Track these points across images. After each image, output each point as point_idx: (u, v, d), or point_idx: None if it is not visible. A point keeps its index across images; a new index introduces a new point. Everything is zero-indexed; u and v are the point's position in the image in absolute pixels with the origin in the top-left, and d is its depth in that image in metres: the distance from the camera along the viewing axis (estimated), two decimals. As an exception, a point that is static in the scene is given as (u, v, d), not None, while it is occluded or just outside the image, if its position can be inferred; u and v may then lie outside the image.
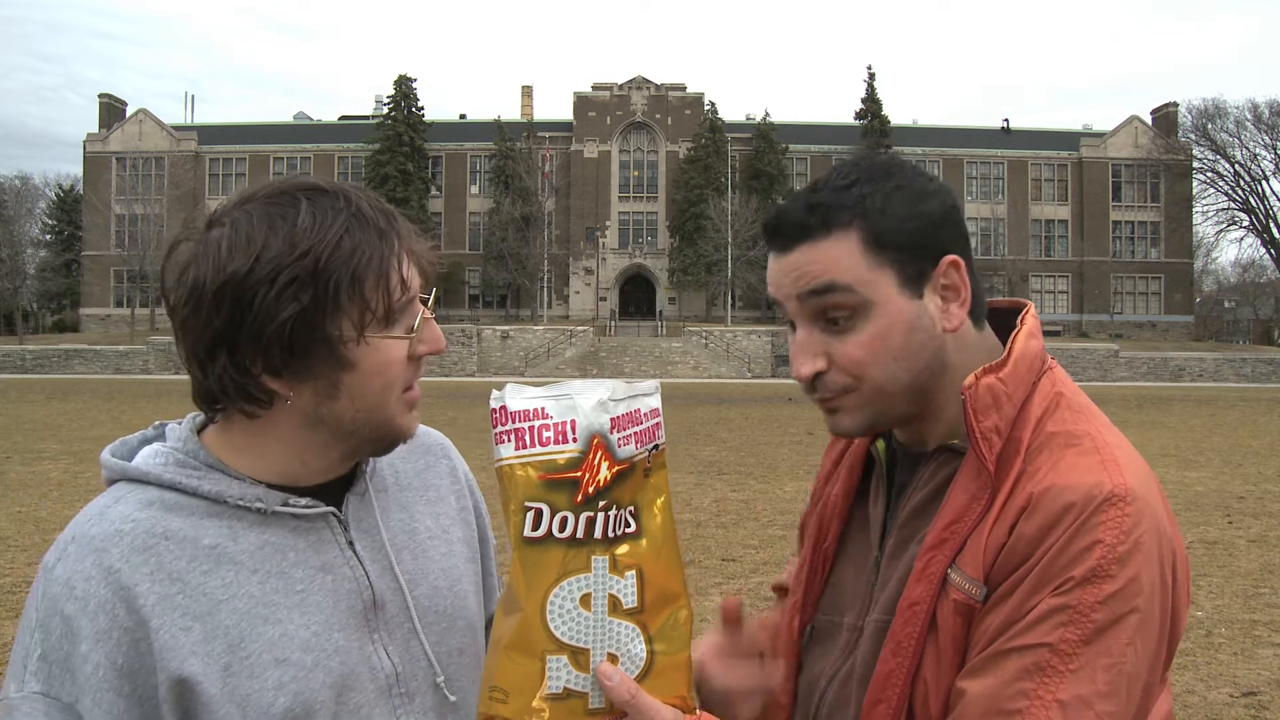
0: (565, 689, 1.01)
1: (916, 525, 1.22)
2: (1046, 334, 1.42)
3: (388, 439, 1.17)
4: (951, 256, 1.17)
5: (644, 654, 1.04)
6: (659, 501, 1.09)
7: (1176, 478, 13.67)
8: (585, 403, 1.02)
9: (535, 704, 1.00)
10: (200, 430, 1.18)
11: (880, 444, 1.32)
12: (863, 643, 1.23)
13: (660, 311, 68.54)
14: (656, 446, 1.09)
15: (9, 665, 1.05)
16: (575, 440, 1.01)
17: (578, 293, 71.35)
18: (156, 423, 1.22)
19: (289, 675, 1.08)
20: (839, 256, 1.15)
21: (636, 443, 1.05)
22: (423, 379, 1.20)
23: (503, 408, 1.02)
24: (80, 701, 1.01)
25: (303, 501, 1.15)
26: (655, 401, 1.09)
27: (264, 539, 1.12)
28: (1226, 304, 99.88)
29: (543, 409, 1.02)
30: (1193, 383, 52.63)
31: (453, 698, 1.21)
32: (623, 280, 71.63)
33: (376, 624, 1.17)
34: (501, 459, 1.02)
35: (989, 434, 1.13)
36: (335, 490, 1.20)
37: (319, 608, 1.13)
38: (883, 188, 1.17)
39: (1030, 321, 1.23)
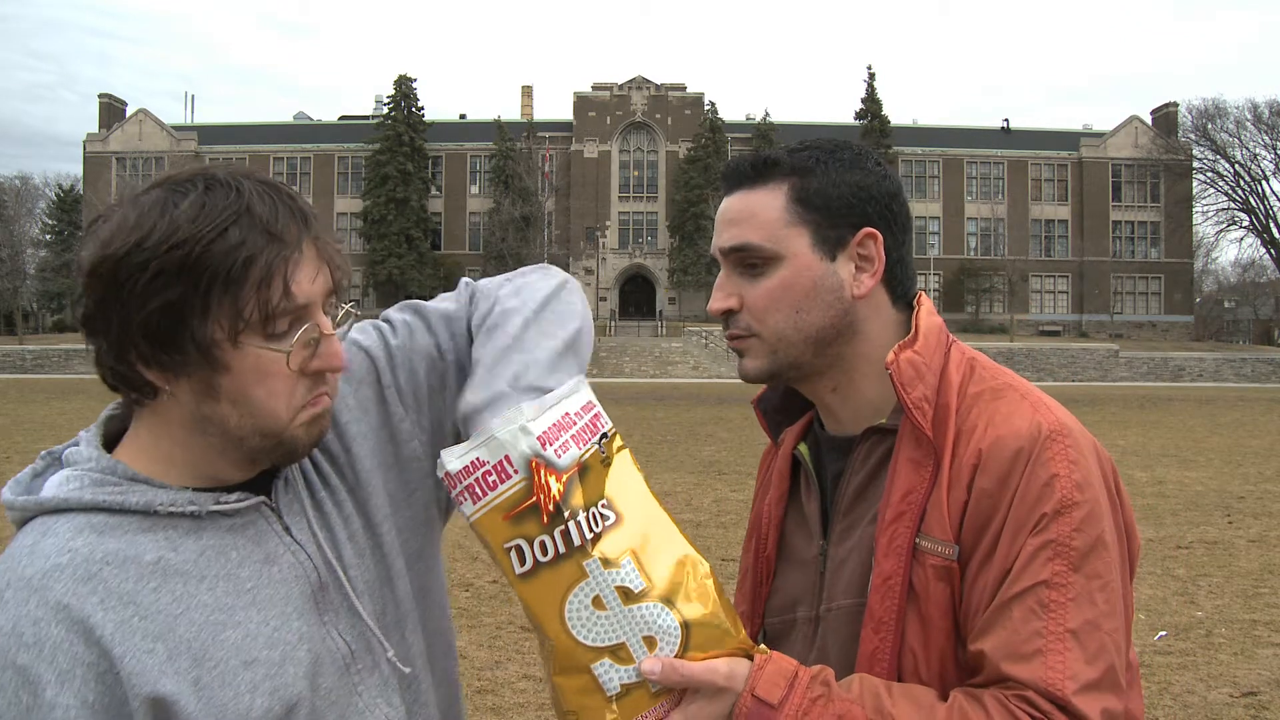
0: (623, 686, 1.05)
1: (862, 508, 1.26)
2: (1046, 334, 1.47)
3: (287, 450, 1.10)
4: (870, 229, 1.27)
5: (677, 624, 1.06)
6: (630, 481, 1.11)
7: (1176, 478, 13.65)
8: (507, 435, 1.06)
9: (605, 713, 1.05)
10: (112, 448, 1.13)
11: (803, 446, 1.39)
12: (824, 631, 1.27)
13: (660, 311, 68.57)
14: (604, 435, 1.12)
15: None
16: (517, 472, 1.06)
17: (578, 293, 71.32)
18: (43, 452, 1.14)
19: (260, 674, 1.06)
20: (764, 206, 1.27)
21: (578, 443, 1.09)
22: None
23: (446, 474, 1.08)
24: None
25: (233, 497, 1.10)
26: (584, 396, 1.13)
27: (203, 544, 1.08)
28: (1226, 304, 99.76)
29: (477, 459, 1.07)
30: (1193, 383, 52.60)
31: (406, 669, 1.19)
32: (623, 280, 71.67)
33: (325, 605, 1.15)
34: (469, 517, 1.08)
35: (920, 403, 1.21)
36: (264, 480, 1.15)
37: (272, 600, 1.10)
38: (824, 155, 1.29)
39: (926, 301, 1.33)
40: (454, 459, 1.08)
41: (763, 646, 1.13)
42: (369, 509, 1.22)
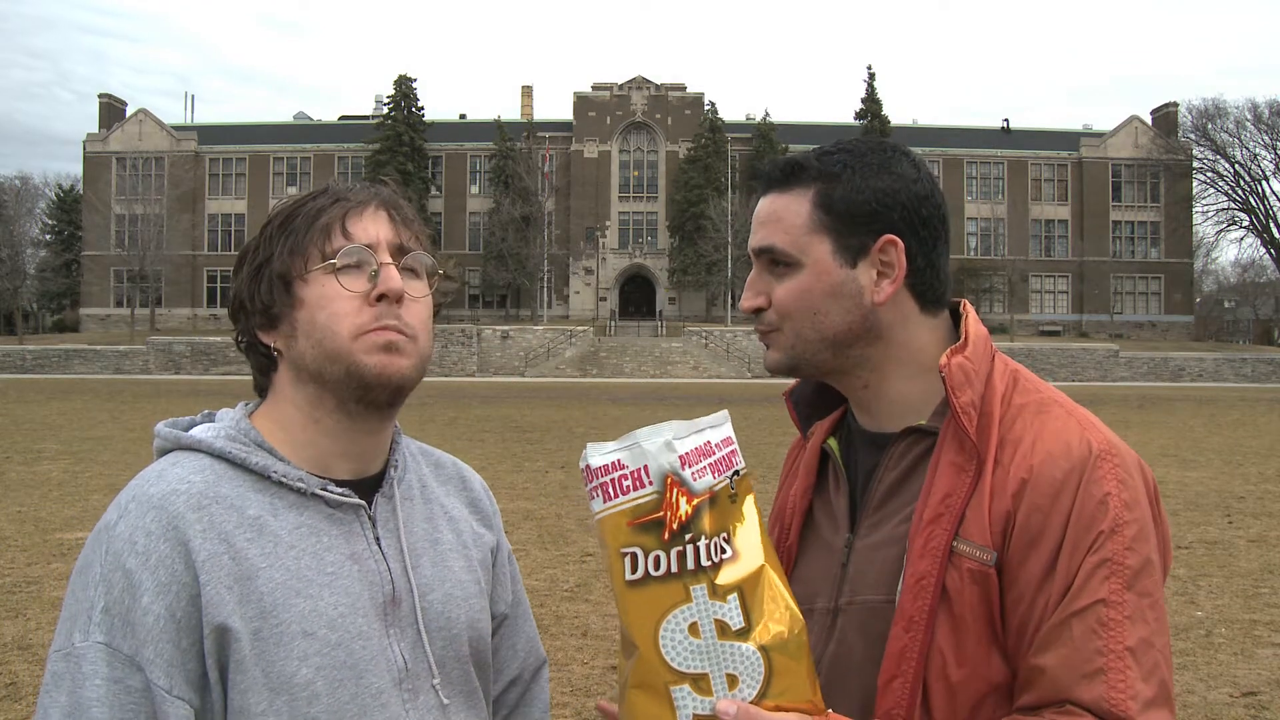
0: (695, 716, 1.06)
1: (893, 505, 1.28)
2: (1046, 334, 1.48)
3: (356, 378, 1.21)
4: (890, 236, 1.28)
5: (762, 670, 1.07)
6: (751, 524, 1.13)
7: (1176, 478, 13.65)
8: (652, 447, 1.10)
9: None
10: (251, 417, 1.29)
11: (833, 440, 1.40)
12: (843, 624, 1.28)
13: (660, 311, 68.60)
14: (737, 473, 1.15)
15: (67, 618, 1.12)
16: (651, 483, 1.09)
17: (578, 293, 71.35)
18: (206, 411, 1.32)
19: (314, 648, 1.14)
20: (790, 212, 1.31)
21: (713, 473, 1.12)
22: (424, 379, 1.28)
23: (587, 467, 1.12)
24: (140, 653, 1.08)
25: (339, 490, 1.23)
26: (726, 430, 1.17)
27: (301, 520, 1.20)
28: (1226, 304, 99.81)
29: (618, 460, 1.11)
30: (1193, 383, 52.61)
31: (446, 701, 1.26)
32: (623, 280, 71.66)
33: (393, 619, 1.23)
34: (595, 513, 1.12)
35: (967, 408, 1.22)
36: (365, 493, 1.27)
37: (347, 591, 1.19)
38: (852, 160, 1.31)
39: (971, 309, 1.35)
40: (598, 455, 1.12)
41: (830, 711, 1.12)
42: (475, 564, 1.36)
